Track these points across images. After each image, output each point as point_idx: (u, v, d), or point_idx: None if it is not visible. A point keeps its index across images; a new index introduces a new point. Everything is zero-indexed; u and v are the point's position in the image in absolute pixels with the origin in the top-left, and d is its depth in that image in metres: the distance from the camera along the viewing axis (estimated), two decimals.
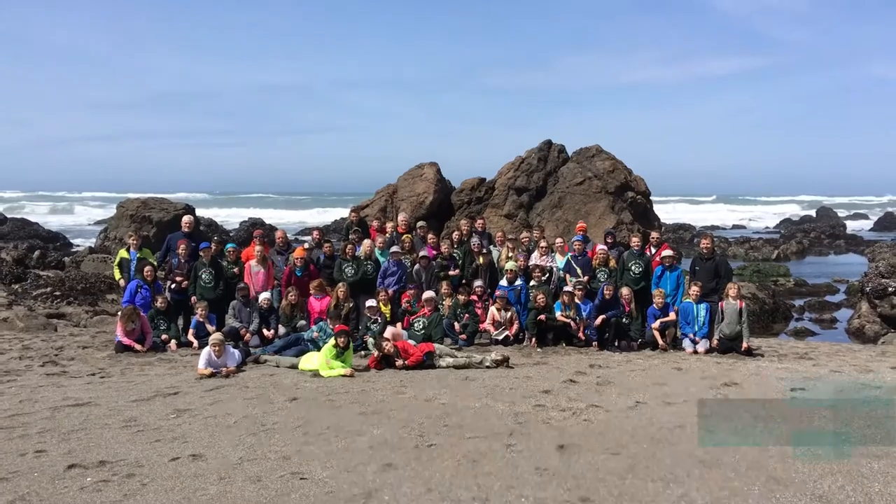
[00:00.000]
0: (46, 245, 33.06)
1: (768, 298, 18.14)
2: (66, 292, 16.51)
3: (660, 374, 9.87)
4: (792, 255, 35.83)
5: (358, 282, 12.67)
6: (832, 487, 5.48)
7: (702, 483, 5.54)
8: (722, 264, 12.62)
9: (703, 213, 78.49)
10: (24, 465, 5.97)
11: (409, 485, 5.52)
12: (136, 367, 10.16)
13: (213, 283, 12.32)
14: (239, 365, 10.09)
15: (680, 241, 41.28)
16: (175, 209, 30.11)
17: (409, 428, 7.04)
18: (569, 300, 12.05)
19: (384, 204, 20.10)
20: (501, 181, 20.40)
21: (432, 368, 10.07)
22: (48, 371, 9.86)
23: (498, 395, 8.48)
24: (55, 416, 7.53)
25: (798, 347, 12.71)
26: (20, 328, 13.21)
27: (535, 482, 5.56)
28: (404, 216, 15.10)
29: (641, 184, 20.19)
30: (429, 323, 11.75)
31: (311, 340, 11.02)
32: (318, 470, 5.84)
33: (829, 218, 62.09)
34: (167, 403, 8.08)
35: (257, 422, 7.30)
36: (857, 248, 40.87)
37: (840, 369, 10.25)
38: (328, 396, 8.43)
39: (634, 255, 12.79)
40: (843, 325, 17.33)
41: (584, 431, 6.94)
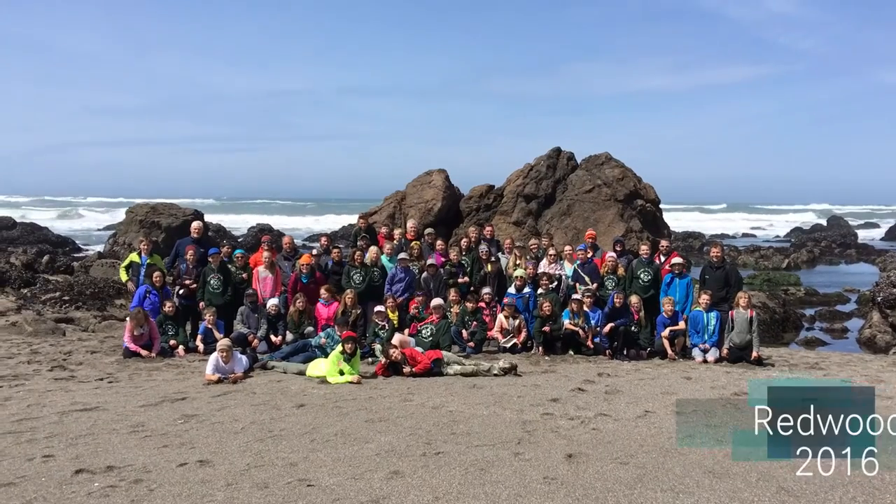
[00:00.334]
0: (55, 250, 33.16)
1: (778, 307, 18.04)
2: (74, 297, 16.57)
3: (669, 382, 9.81)
4: (802, 264, 35.65)
5: (365, 289, 12.66)
6: (843, 499, 5.43)
7: (711, 494, 5.49)
8: (732, 273, 12.55)
9: (712, 221, 78.29)
10: (31, 469, 5.97)
11: (417, 493, 5.49)
12: (144, 373, 10.17)
13: (221, 288, 12.33)
14: (246, 371, 10.09)
15: (689, 249, 41.13)
16: (184, 215, 30.27)
17: (416, 435, 7.01)
18: (578, 308, 12.02)
19: (392, 211, 20.14)
20: (510, 188, 20.42)
21: (440, 376, 10.04)
22: (56, 376, 9.88)
23: (506, 403, 8.44)
24: (63, 420, 7.54)
25: (809, 357, 12.62)
26: (29, 332, 13.25)
27: (544, 491, 5.52)
28: (413, 223, 15.11)
29: (651, 192, 20.16)
30: (437, 330, 11.72)
31: (318, 347, 11.01)
32: (325, 477, 5.82)
33: (840, 227, 61.71)
34: (175, 409, 8.08)
35: (265, 428, 7.29)
36: (868, 257, 40.60)
37: (851, 379, 10.17)
38: (335, 403, 8.41)
39: (643, 264, 12.74)
40: (854, 335, 17.22)
41: (592, 440, 6.90)
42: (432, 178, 20.50)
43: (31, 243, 35.63)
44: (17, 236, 38.67)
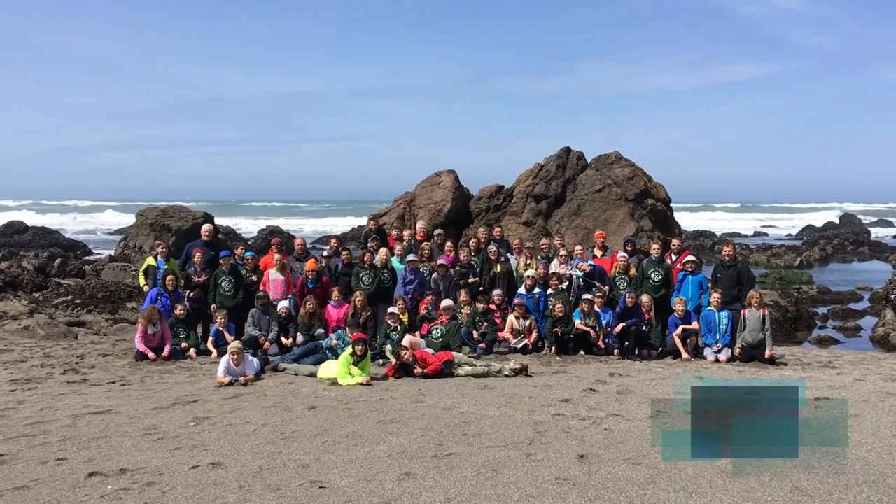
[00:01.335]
0: (67, 253, 33.38)
1: (791, 306, 17.94)
2: (86, 300, 16.64)
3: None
4: (815, 263, 35.42)
5: (374, 290, 12.66)
6: (858, 498, 5.38)
7: (725, 494, 5.45)
8: (744, 272, 12.47)
9: (724, 220, 77.94)
10: (45, 472, 6.00)
11: (429, 494, 5.48)
12: (156, 376, 10.20)
13: (232, 291, 12.36)
14: (257, 373, 10.11)
15: (701, 248, 40.95)
16: (194, 217, 30.33)
17: (427, 437, 7.01)
18: (588, 308, 11.98)
19: (402, 212, 20.14)
20: (520, 188, 20.38)
21: (451, 377, 10.03)
22: (69, 379, 9.92)
23: (517, 403, 8.42)
24: (76, 423, 7.57)
25: (822, 356, 12.53)
26: (41, 336, 13.33)
27: (556, 492, 5.50)
28: (422, 224, 15.10)
29: (661, 190, 20.08)
30: (447, 331, 11.71)
31: (329, 348, 11.02)
32: (336, 478, 5.82)
33: (853, 224, 61.34)
34: (187, 411, 8.10)
35: (276, 430, 7.30)
36: (881, 255, 40.32)
37: (865, 378, 10.09)
38: (346, 405, 8.41)
39: (654, 263, 12.69)
40: (868, 334, 17.08)
41: (604, 441, 6.87)
42: (442, 178, 20.49)
43: (42, 247, 35.88)
44: (28, 240, 38.91)
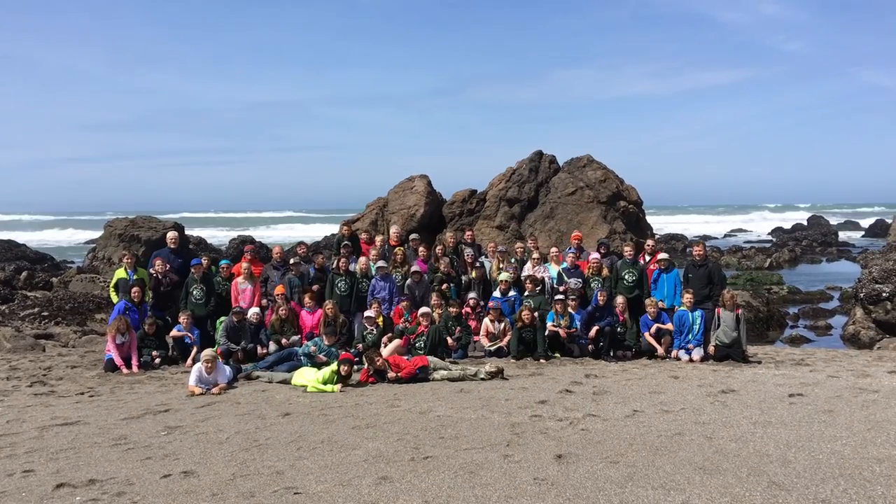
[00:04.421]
0: (34, 266, 32.67)
1: (762, 306, 18.09)
2: (53, 312, 16.34)
3: (656, 382, 9.79)
4: (784, 263, 35.81)
5: (352, 299, 12.54)
6: (835, 491, 5.41)
7: (703, 490, 5.45)
8: (715, 271, 12.56)
9: (695, 223, 78.66)
10: (11, 485, 5.84)
11: (406, 497, 5.41)
12: (126, 386, 10.02)
13: (203, 299, 12.19)
14: (230, 381, 9.96)
15: (672, 251, 41.19)
16: (163, 227, 29.85)
17: (404, 441, 6.94)
18: (562, 309, 11.95)
19: (375, 217, 20.02)
20: (493, 192, 20.35)
21: (426, 381, 9.96)
22: (36, 391, 9.71)
23: (494, 406, 8.38)
24: (43, 435, 7.40)
25: (794, 354, 12.65)
26: (7, 349, 13.03)
27: (534, 492, 5.46)
28: (396, 229, 15.01)
29: (633, 193, 20.17)
30: (428, 337, 11.61)
31: (306, 355, 10.90)
32: (312, 484, 5.73)
33: (821, 226, 62.24)
34: (158, 421, 7.95)
35: (250, 437, 7.19)
36: (849, 254, 40.96)
37: (837, 375, 10.19)
38: (321, 411, 8.31)
39: (628, 264, 12.72)
40: (838, 332, 17.28)
41: (581, 441, 6.85)
42: (414, 183, 20.40)
43: (8, 260, 35.10)
44: None
